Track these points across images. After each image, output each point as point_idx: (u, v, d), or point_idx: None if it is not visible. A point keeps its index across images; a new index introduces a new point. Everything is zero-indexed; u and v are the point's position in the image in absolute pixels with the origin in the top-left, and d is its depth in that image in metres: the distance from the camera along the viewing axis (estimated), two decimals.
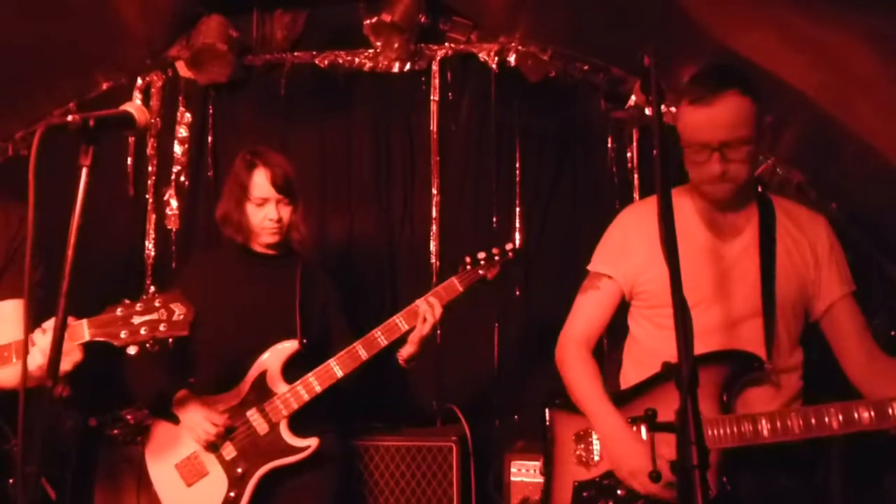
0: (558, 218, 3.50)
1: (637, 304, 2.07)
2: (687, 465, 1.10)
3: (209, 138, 3.66)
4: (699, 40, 2.73)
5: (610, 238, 2.13)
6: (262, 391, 2.41)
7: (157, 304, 1.76)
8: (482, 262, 2.54)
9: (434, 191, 3.53)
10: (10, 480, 1.98)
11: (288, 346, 2.42)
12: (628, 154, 3.46)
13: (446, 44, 3.56)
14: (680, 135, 1.90)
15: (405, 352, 2.48)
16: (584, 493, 1.92)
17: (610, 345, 2.18)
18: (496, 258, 2.55)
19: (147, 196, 3.66)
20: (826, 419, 1.70)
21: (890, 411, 1.70)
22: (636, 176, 3.44)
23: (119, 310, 1.77)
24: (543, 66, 3.46)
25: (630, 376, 2.05)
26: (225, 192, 2.55)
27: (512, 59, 3.49)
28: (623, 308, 2.12)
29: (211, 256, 2.83)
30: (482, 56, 3.53)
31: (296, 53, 3.63)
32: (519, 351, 3.45)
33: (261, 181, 2.46)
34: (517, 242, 3.47)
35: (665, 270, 1.94)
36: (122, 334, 1.73)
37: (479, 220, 3.51)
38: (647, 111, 3.35)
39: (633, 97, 3.37)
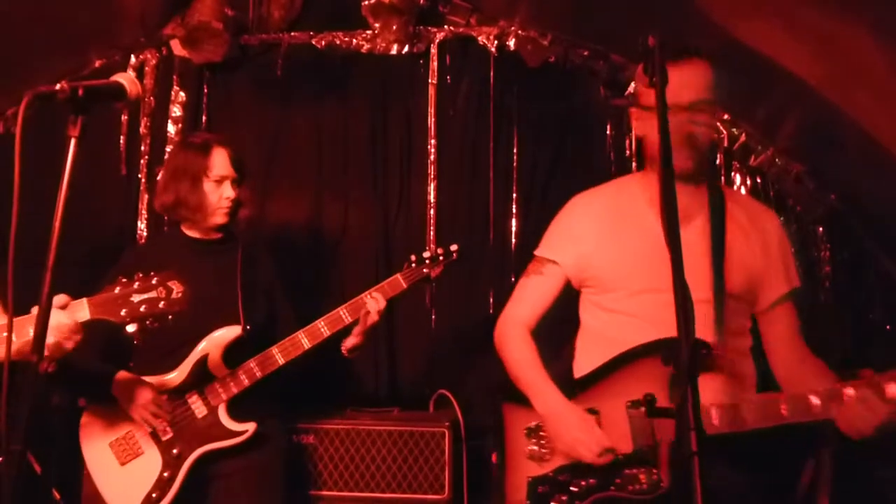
0: (555, 204, 3.43)
1: (587, 291, 2.07)
2: (686, 451, 1.08)
3: (203, 118, 3.61)
4: (702, 28, 2.70)
5: (558, 225, 2.14)
6: (202, 375, 2.42)
7: (154, 283, 1.79)
8: (427, 261, 2.61)
9: (431, 175, 3.50)
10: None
11: (230, 331, 2.44)
12: (626, 141, 3.44)
13: (445, 26, 3.53)
14: (640, 103, 1.91)
15: (349, 342, 2.54)
16: (539, 489, 1.90)
17: (568, 333, 2.18)
18: (440, 258, 2.62)
19: (139, 176, 3.60)
20: (778, 408, 1.69)
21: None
22: (634, 164, 3.41)
23: (117, 289, 1.79)
24: (543, 51, 3.43)
25: (583, 364, 2.03)
26: (168, 179, 2.55)
27: (511, 43, 3.46)
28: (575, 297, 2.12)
29: (148, 246, 2.87)
30: (481, 40, 3.49)
31: (293, 34, 3.58)
32: None
33: (221, 160, 2.53)
34: (514, 227, 3.46)
35: (615, 255, 1.98)
36: (122, 312, 1.76)
37: (475, 205, 3.49)
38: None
39: (633, 84, 3.34)
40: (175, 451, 2.38)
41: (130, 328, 1.77)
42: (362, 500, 2.86)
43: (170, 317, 1.77)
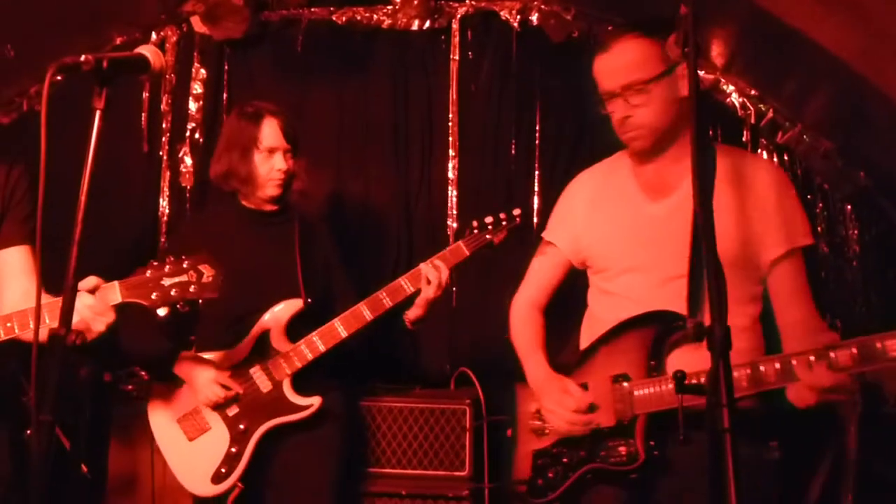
0: None
1: (588, 271, 2.08)
2: (718, 428, 1.06)
3: (224, 95, 3.61)
4: None
5: (558, 206, 2.17)
6: (265, 349, 2.41)
7: (185, 266, 1.79)
8: (489, 227, 2.52)
9: (452, 152, 3.48)
10: (28, 431, 2.01)
11: (292, 305, 2.43)
12: None
13: (467, 1, 3.48)
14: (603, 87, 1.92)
15: (412, 314, 2.49)
16: (539, 461, 1.98)
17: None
18: (503, 223, 2.53)
19: (161, 153, 3.62)
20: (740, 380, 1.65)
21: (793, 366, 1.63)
22: None
23: (149, 272, 1.79)
24: (566, 25, 3.38)
25: (584, 342, 2.07)
26: (222, 149, 2.53)
27: (534, 17, 3.40)
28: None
29: (207, 216, 2.81)
30: (504, 14, 3.44)
31: (313, 10, 3.55)
32: None
33: (271, 131, 2.47)
34: (536, 205, 3.43)
35: (602, 235, 1.97)
36: (153, 296, 1.76)
37: (497, 182, 3.47)
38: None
39: None
40: (241, 426, 2.37)
41: (161, 311, 1.78)
42: (384, 476, 2.87)
43: (200, 301, 1.78)
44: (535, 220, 3.42)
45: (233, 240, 2.50)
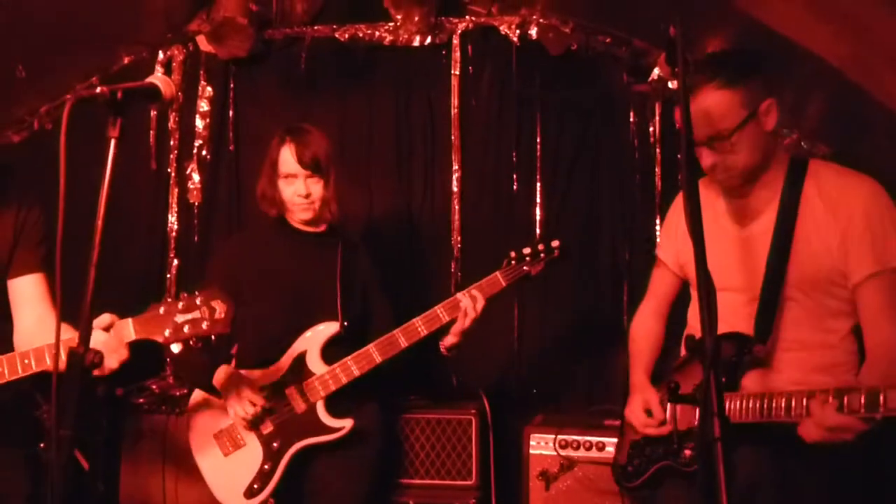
0: (579, 193, 3.48)
1: (691, 287, 2.12)
2: (709, 437, 1.10)
3: (230, 112, 3.67)
4: (724, 9, 2.68)
5: (665, 222, 2.24)
6: (300, 370, 2.46)
7: (197, 303, 1.82)
8: (527, 259, 2.55)
9: (455, 166, 3.52)
10: (41, 444, 2.05)
11: (328, 328, 2.47)
12: (650, 128, 3.43)
13: (467, 16, 3.53)
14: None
15: (447, 341, 2.51)
16: (631, 451, 2.14)
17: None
18: (541, 255, 2.55)
19: (169, 170, 3.68)
20: (769, 405, 1.72)
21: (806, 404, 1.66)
22: (658, 150, 3.41)
23: (161, 308, 1.82)
24: (565, 38, 3.41)
25: (681, 354, 2.14)
26: (262, 170, 2.58)
27: (533, 31, 3.44)
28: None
29: (252, 233, 2.83)
30: (503, 29, 3.49)
31: (316, 27, 3.61)
32: (538, 326, 3.46)
33: (287, 157, 2.48)
34: (538, 216, 3.47)
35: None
36: (167, 332, 1.80)
37: (499, 195, 3.51)
38: (671, 84, 3.31)
39: (656, 70, 3.33)
40: (275, 444, 2.42)
41: (175, 348, 1.82)
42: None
43: (213, 337, 1.80)
44: (538, 230, 3.47)
45: (276, 256, 2.55)
